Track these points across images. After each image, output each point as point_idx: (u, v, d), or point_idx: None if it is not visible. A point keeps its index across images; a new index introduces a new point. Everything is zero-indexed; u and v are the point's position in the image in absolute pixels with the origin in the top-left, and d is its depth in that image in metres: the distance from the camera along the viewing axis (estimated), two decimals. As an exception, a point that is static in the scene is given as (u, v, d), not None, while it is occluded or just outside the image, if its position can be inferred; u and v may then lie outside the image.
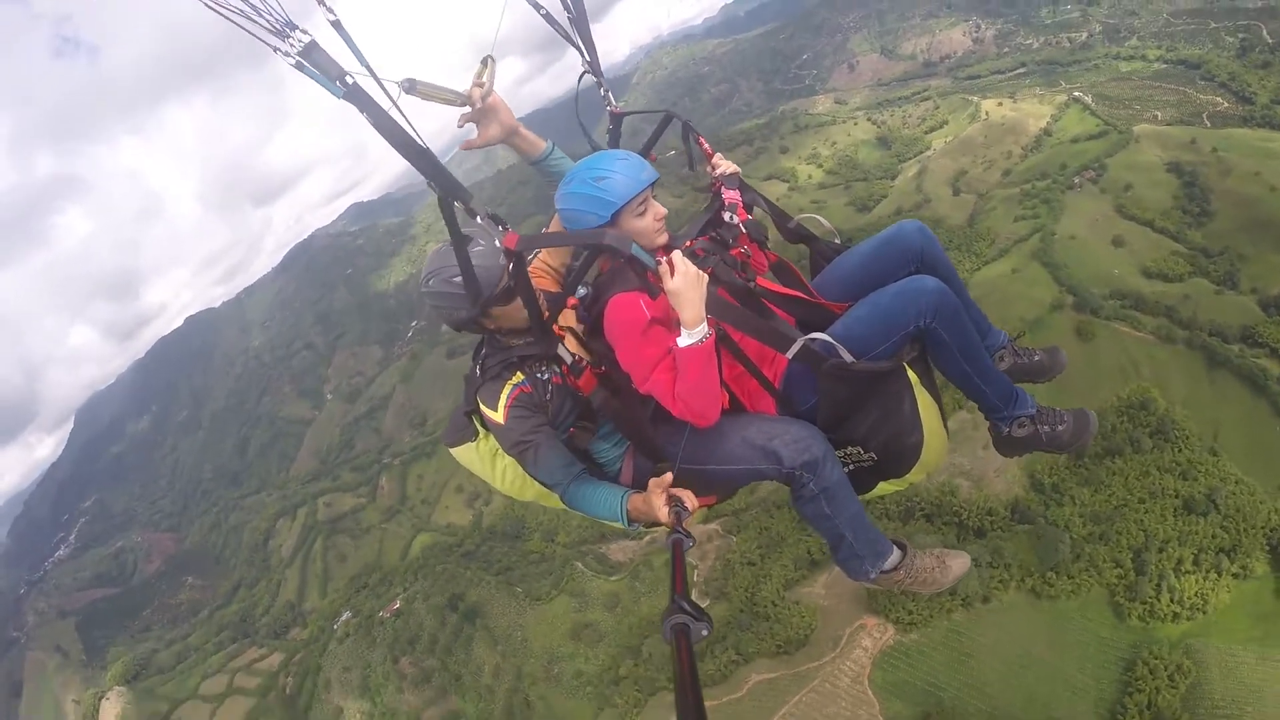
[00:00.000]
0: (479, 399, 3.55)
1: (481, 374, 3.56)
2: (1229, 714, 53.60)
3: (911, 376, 3.67)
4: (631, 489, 3.45)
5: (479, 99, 3.40)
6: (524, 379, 3.47)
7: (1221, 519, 62.36)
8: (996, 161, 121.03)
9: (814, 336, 3.51)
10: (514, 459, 3.55)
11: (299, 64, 2.45)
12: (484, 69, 3.39)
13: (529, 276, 3.27)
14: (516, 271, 3.16)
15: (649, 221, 3.54)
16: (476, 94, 3.39)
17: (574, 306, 3.69)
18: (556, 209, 3.58)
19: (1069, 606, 61.72)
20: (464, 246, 3.13)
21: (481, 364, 3.60)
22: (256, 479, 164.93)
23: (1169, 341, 76.88)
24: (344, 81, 2.48)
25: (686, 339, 3.22)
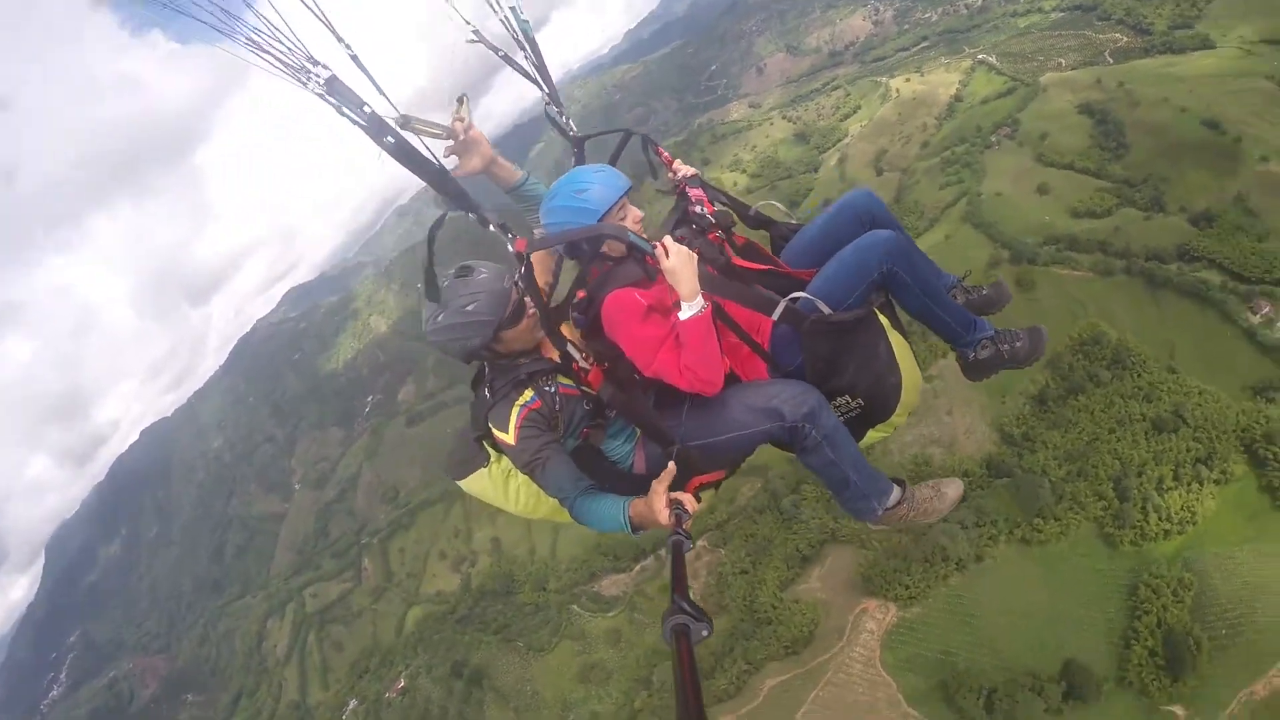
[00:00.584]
0: (489, 422, 3.66)
1: (491, 395, 3.68)
2: (1239, 614, 54.50)
3: (883, 321, 3.95)
4: (633, 496, 3.48)
5: (461, 132, 3.61)
6: (533, 395, 3.59)
7: (1192, 431, 63.62)
8: (913, 136, 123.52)
9: (795, 296, 3.85)
10: (527, 476, 3.66)
11: (324, 96, 2.72)
12: (460, 105, 3.60)
13: (535, 280, 3.55)
14: (527, 276, 3.43)
15: (629, 224, 3.79)
16: (459, 127, 3.59)
17: (578, 303, 3.89)
18: (542, 225, 3.86)
19: (1061, 548, 62.30)
20: (433, 265, 3.31)
21: (489, 386, 3.72)
22: (238, 583, 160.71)
23: (1108, 275, 78.60)
24: (363, 111, 2.75)
25: (687, 311, 3.50)
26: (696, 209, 4.28)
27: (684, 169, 4.49)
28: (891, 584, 63.43)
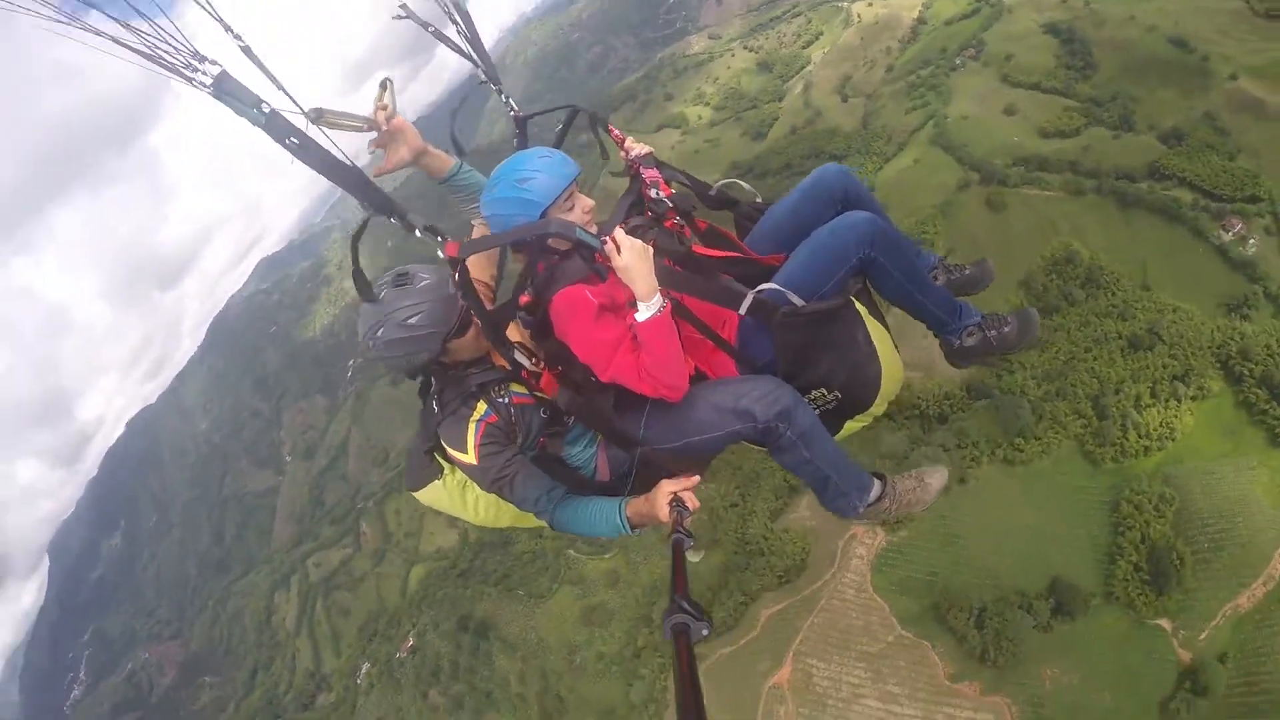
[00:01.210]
0: (444, 441, 3.43)
1: (440, 410, 3.44)
2: (1221, 529, 55.79)
3: (860, 309, 3.72)
4: (629, 496, 3.35)
5: (384, 122, 3.36)
6: (487, 409, 3.38)
7: (1168, 348, 64.48)
8: (877, 60, 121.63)
9: (763, 288, 3.55)
10: (494, 495, 3.45)
11: (214, 95, 2.45)
12: (383, 92, 3.37)
13: (474, 286, 3.22)
14: (463, 281, 3.12)
15: (578, 215, 3.48)
16: (381, 117, 3.35)
17: (524, 305, 3.56)
18: (483, 216, 3.52)
19: (1043, 467, 63.38)
20: (360, 272, 3.22)
21: (438, 399, 3.48)
22: (242, 561, 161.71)
23: (1079, 194, 78.64)
24: (261, 109, 2.50)
25: (645, 312, 3.23)
26: (652, 192, 3.94)
27: (638, 147, 4.13)
28: (877, 508, 64.42)
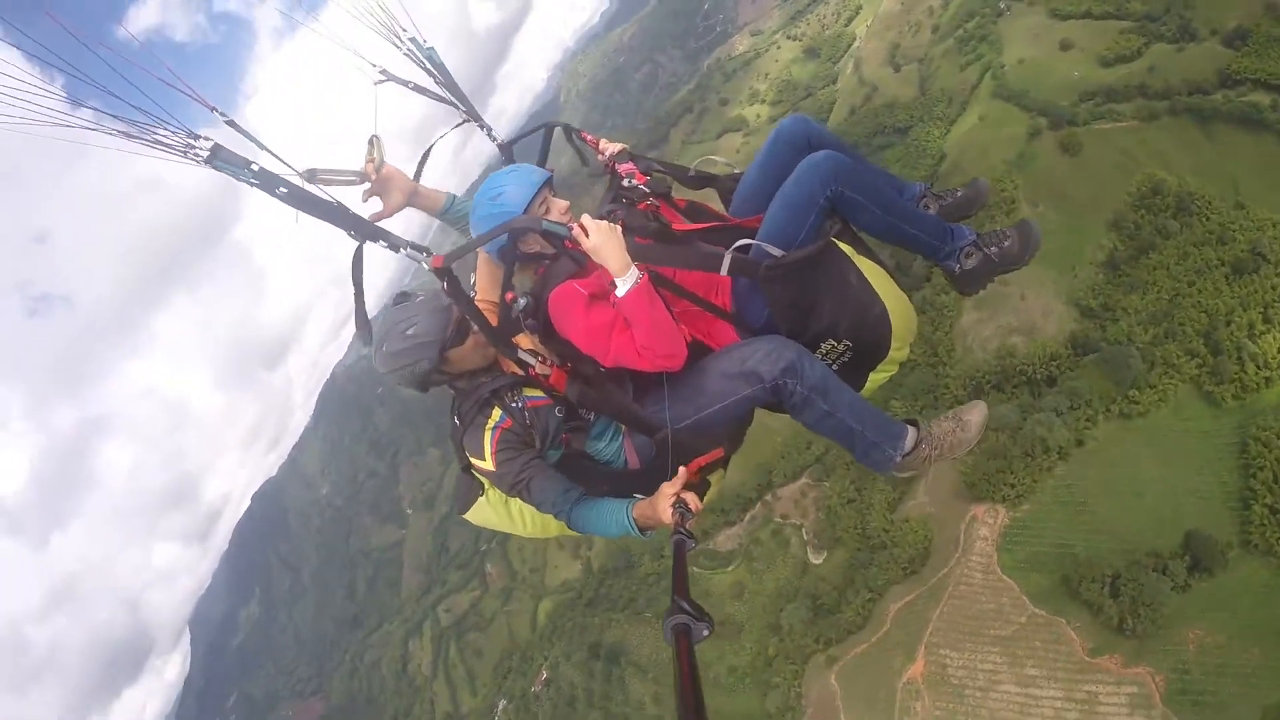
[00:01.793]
0: (467, 452, 3.57)
1: (460, 423, 3.59)
2: None
3: (846, 249, 3.72)
4: (636, 498, 3.37)
5: (373, 173, 3.60)
6: (501, 414, 3.50)
7: (1274, 268, 60.75)
8: (922, 22, 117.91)
9: (741, 244, 3.65)
10: (519, 499, 3.58)
11: (211, 165, 2.73)
12: (371, 148, 3.60)
13: (463, 288, 3.35)
14: (452, 289, 3.25)
15: (555, 215, 3.66)
16: (370, 169, 3.59)
17: (514, 302, 3.74)
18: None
19: (1161, 416, 60.24)
20: (362, 296, 3.40)
21: (458, 413, 3.62)
22: (375, 614, 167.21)
23: (1153, 119, 74.82)
24: (251, 169, 2.78)
25: (622, 286, 3.33)
26: (626, 182, 4.16)
27: (611, 146, 4.43)
28: (997, 486, 62.10)
